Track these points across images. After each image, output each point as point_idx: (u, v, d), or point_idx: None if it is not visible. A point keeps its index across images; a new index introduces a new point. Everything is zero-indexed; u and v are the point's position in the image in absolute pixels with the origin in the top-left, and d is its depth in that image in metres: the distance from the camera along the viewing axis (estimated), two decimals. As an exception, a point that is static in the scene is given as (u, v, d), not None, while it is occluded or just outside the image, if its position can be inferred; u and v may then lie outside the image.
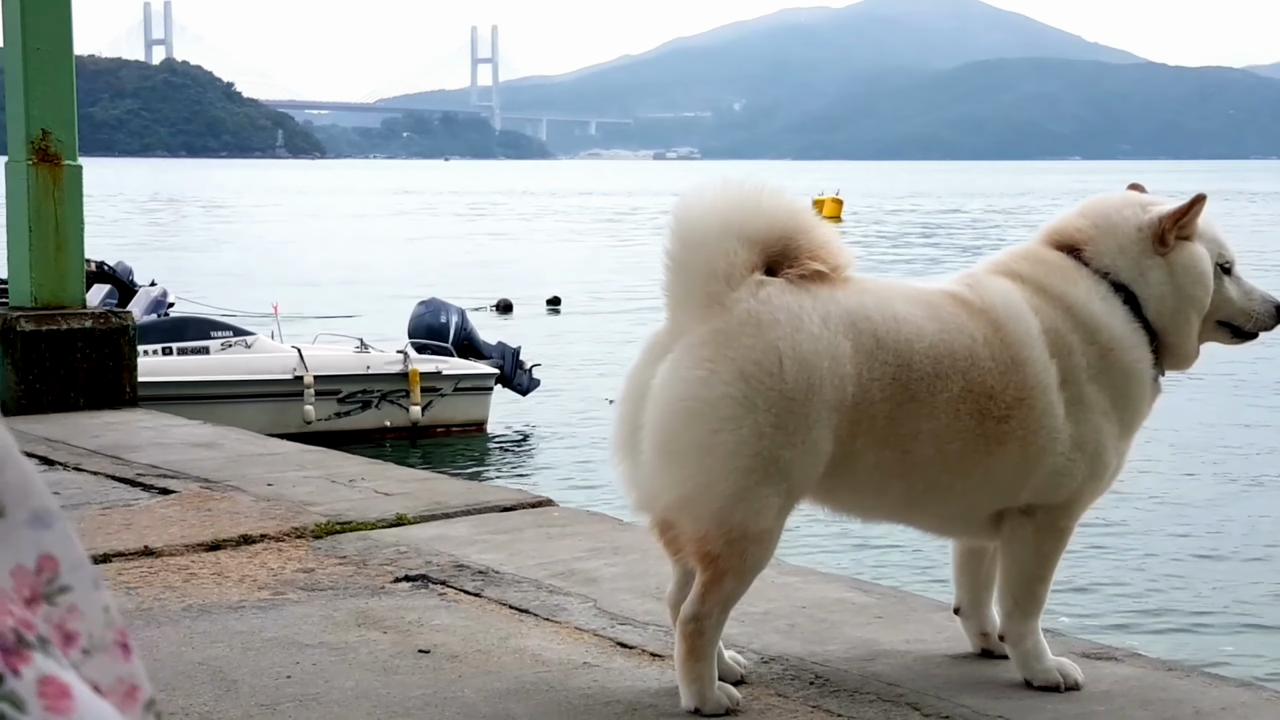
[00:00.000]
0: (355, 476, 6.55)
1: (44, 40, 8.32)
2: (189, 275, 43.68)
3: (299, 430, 18.72)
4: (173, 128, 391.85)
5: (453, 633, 4.29)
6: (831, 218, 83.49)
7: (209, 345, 21.72)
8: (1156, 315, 3.75)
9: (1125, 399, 3.72)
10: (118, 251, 41.30)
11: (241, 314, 27.44)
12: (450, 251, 61.90)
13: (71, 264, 8.49)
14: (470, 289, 40.24)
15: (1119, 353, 3.69)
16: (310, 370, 21.58)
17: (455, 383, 22.85)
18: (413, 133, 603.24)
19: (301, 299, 37.01)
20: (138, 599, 4.66)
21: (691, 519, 3.47)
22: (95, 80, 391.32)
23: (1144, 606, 14.44)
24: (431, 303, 25.14)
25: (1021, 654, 3.76)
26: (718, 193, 3.54)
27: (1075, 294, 3.71)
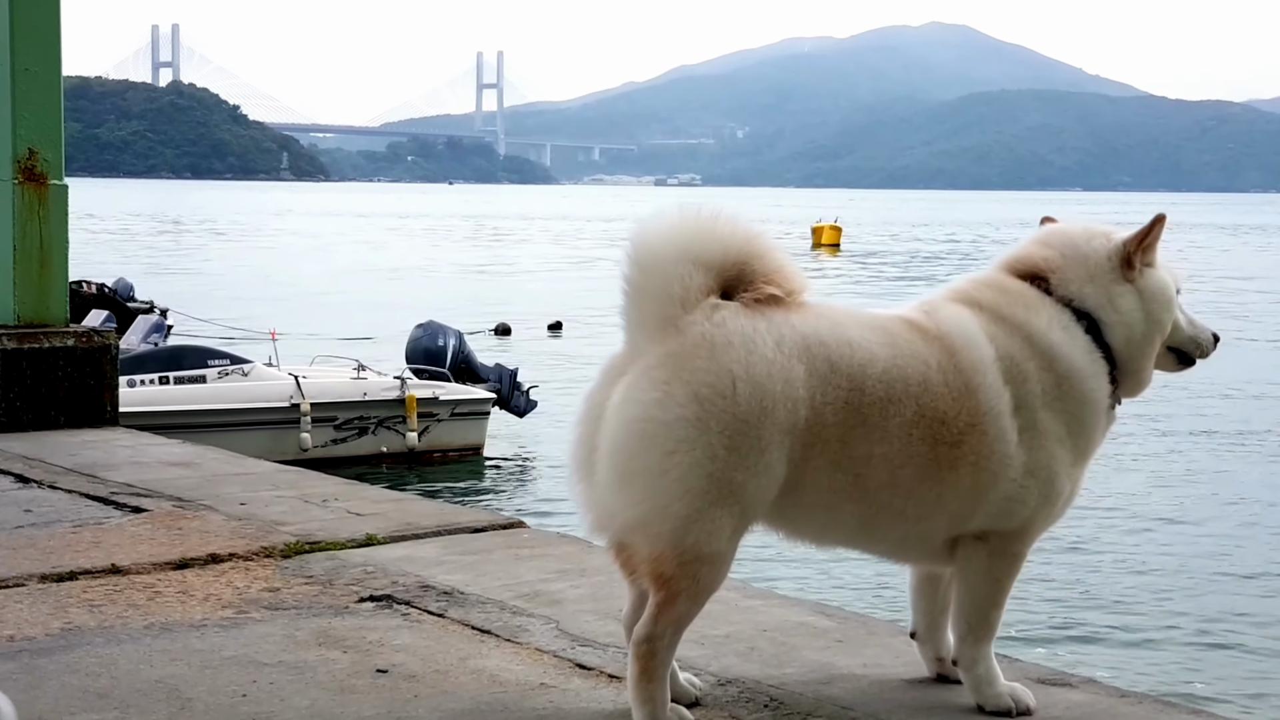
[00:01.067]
0: (329, 496, 6.55)
1: (32, 61, 8.34)
2: (190, 296, 43.77)
3: (295, 457, 18.78)
4: (178, 150, 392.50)
5: (413, 653, 4.29)
6: (830, 245, 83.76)
7: (206, 374, 21.81)
8: (1124, 343, 3.77)
9: (1080, 426, 3.73)
10: (119, 270, 41.40)
11: (241, 333, 27.48)
12: (451, 275, 62.03)
13: (55, 283, 8.50)
14: (470, 312, 40.34)
15: (1076, 381, 3.70)
16: (307, 398, 21.67)
17: (452, 408, 22.92)
18: (417, 157, 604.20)
19: (301, 321, 37.08)
20: (100, 616, 4.66)
21: (646, 540, 3.47)
22: (102, 102, 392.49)
23: (1115, 631, 14.56)
24: (429, 325, 25.22)
25: (974, 679, 3.76)
26: (674, 218, 3.55)
27: (1036, 323, 3.72)
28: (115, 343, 8.71)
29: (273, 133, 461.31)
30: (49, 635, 4.46)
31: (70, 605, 4.79)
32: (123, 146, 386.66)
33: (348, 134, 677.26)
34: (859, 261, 74.86)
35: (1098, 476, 21.53)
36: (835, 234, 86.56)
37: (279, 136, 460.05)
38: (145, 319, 27.18)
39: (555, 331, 39.39)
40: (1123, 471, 22.80)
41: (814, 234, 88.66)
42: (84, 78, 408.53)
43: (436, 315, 27.51)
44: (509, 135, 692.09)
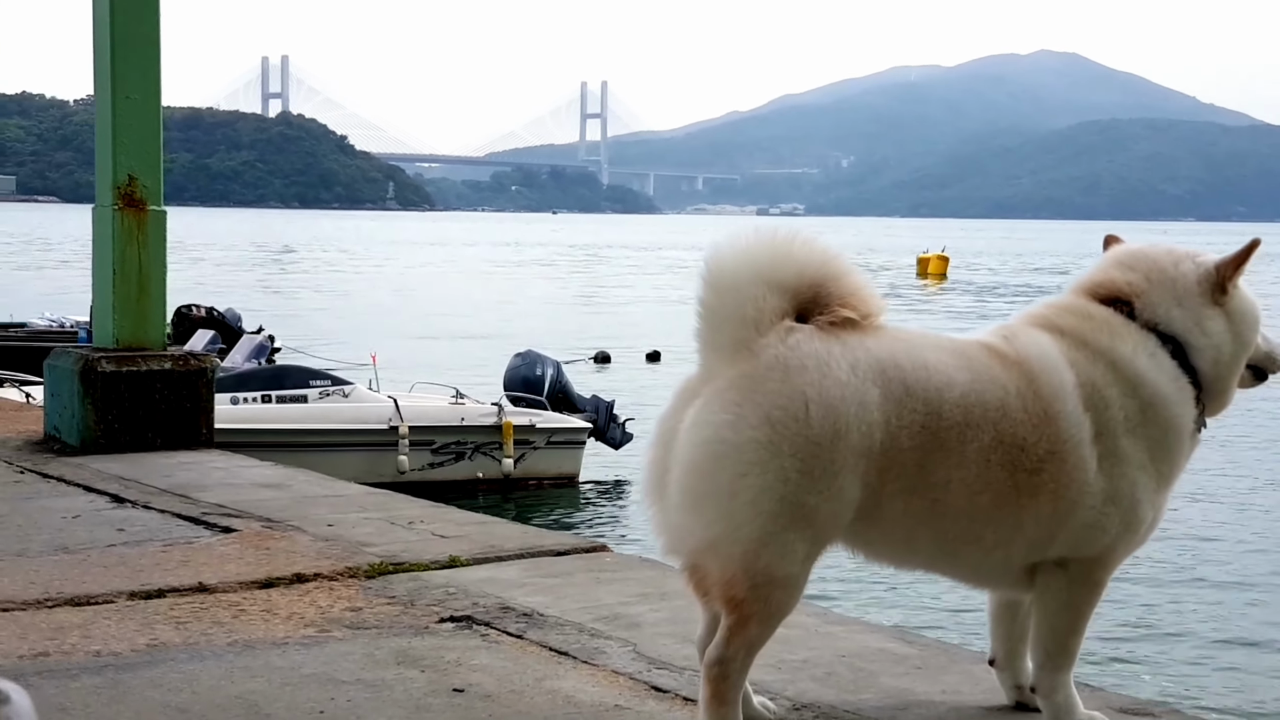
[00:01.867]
0: (415, 519, 6.60)
1: (133, 89, 8.49)
2: (296, 323, 44.29)
3: (393, 480, 18.90)
4: (286, 179, 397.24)
5: (490, 673, 4.31)
6: (937, 275, 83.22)
7: (307, 394, 22.01)
8: (1211, 365, 3.73)
9: (1164, 452, 3.68)
10: (228, 299, 41.99)
11: (341, 364, 27.73)
12: (552, 303, 62.29)
13: (154, 307, 8.65)
14: (570, 341, 40.50)
15: (1161, 407, 3.66)
16: (405, 421, 21.80)
17: (548, 436, 22.97)
18: (521, 186, 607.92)
19: (402, 348, 37.37)
20: (185, 633, 4.72)
21: (718, 562, 3.46)
22: (213, 132, 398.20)
23: (1199, 658, 14.41)
24: (527, 354, 25.31)
25: (1053, 706, 3.72)
26: (749, 240, 3.54)
27: (1121, 349, 3.68)
28: (212, 366, 8.84)
29: (379, 163, 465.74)
30: (134, 651, 4.52)
31: (157, 622, 4.86)
32: (233, 176, 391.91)
33: (453, 164, 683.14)
34: (967, 292, 74.33)
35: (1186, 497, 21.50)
36: (942, 264, 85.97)
37: (385, 166, 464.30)
38: (250, 339, 27.48)
39: (653, 361, 39.39)
40: (1205, 493, 22.73)
41: (920, 264, 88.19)
42: (195, 109, 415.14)
43: (537, 344, 27.63)
44: (612, 165, 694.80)
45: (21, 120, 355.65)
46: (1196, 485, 23.16)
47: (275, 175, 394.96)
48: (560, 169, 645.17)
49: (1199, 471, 24.45)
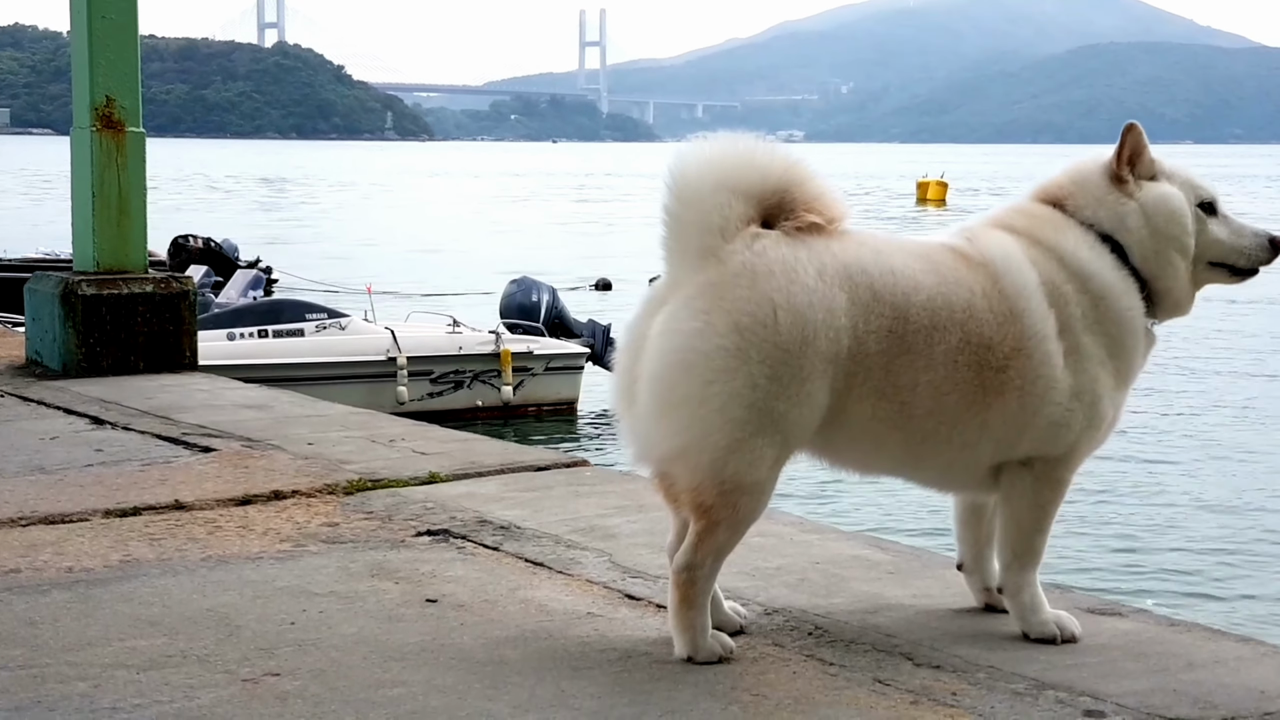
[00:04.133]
0: (396, 437, 6.58)
1: (110, 9, 8.39)
2: (293, 253, 44.20)
3: (392, 410, 18.88)
4: (284, 110, 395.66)
5: (464, 584, 4.30)
6: (937, 200, 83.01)
7: (304, 328, 21.97)
8: (1141, 260, 3.74)
9: (1120, 348, 3.69)
10: (225, 229, 41.90)
11: (337, 289, 27.67)
12: (554, 231, 62.21)
13: (134, 229, 8.56)
14: (573, 268, 40.48)
15: (1110, 300, 3.67)
16: (403, 351, 21.77)
17: (546, 362, 22.94)
18: (520, 115, 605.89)
19: (400, 277, 37.33)
20: (159, 550, 4.70)
21: (687, 469, 3.46)
22: (208, 63, 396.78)
23: (1174, 567, 14.60)
24: (523, 281, 25.24)
25: (1019, 605, 3.74)
26: (712, 149, 3.55)
27: (1065, 244, 3.71)
28: (194, 288, 8.77)
29: (377, 93, 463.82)
30: (107, 567, 4.50)
31: (131, 539, 4.84)
32: (229, 107, 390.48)
33: (451, 93, 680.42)
34: (966, 216, 74.19)
35: (1154, 410, 21.75)
36: (941, 189, 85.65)
37: (383, 96, 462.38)
38: (244, 273, 27.44)
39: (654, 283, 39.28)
40: (1178, 406, 23.00)
41: (919, 189, 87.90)
42: (190, 39, 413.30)
43: (538, 272, 27.54)
44: (612, 93, 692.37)
45: (15, 52, 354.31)
46: (1162, 394, 23.57)
47: (272, 106, 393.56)
48: (559, 98, 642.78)
49: (1164, 376, 24.93)
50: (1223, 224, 3.81)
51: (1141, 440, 20.48)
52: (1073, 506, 15.35)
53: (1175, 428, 21.83)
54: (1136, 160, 3.77)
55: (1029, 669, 3.51)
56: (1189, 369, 26.86)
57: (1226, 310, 34.21)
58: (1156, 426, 21.62)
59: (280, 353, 21.32)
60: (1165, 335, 3.91)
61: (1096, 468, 17.52)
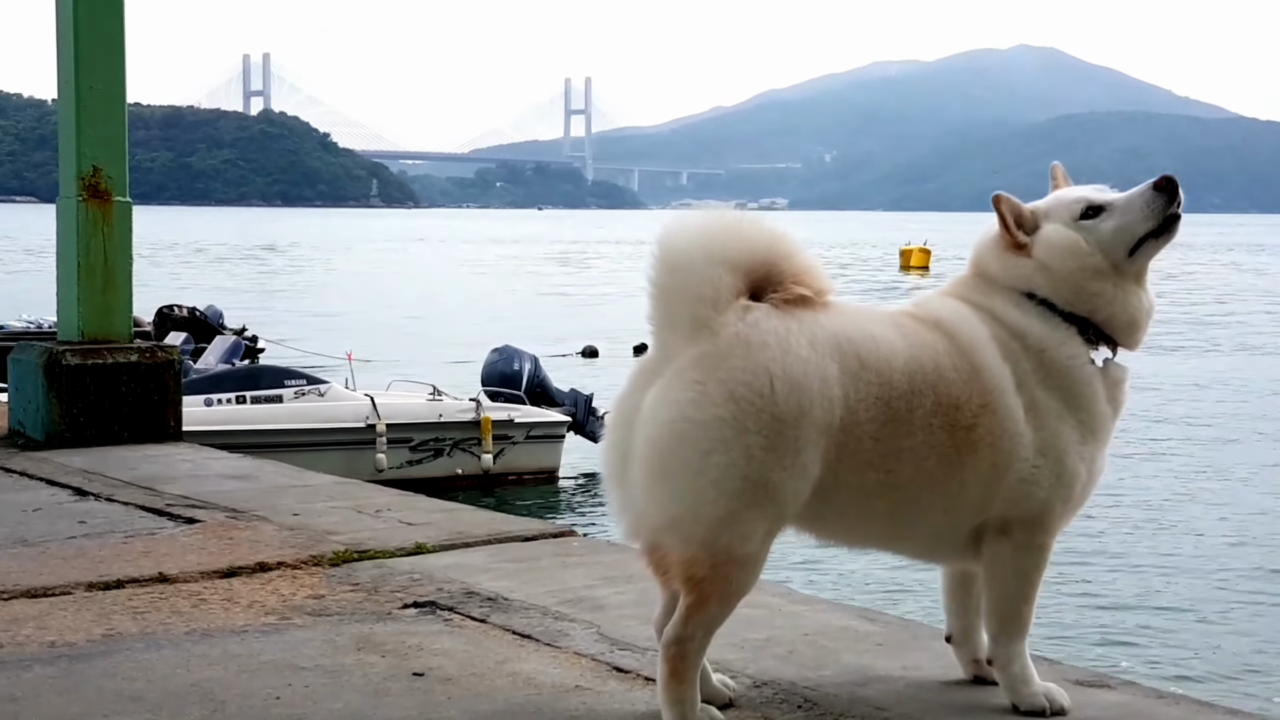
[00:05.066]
0: (382, 507, 6.55)
1: (97, 78, 8.40)
2: (278, 320, 44.19)
3: (371, 478, 18.81)
4: (269, 177, 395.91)
5: (451, 657, 4.27)
6: (920, 267, 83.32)
7: (283, 394, 21.94)
8: (1067, 305, 3.73)
9: (1076, 399, 3.68)
10: (210, 296, 41.92)
11: (319, 357, 27.62)
12: (541, 298, 62.29)
13: (119, 299, 8.54)
14: (559, 335, 40.51)
15: (1050, 352, 3.67)
16: (383, 419, 21.74)
17: (527, 430, 22.92)
18: (506, 183, 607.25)
19: (383, 345, 37.31)
20: (143, 623, 4.67)
21: (680, 541, 3.44)
22: (194, 130, 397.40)
23: (1156, 633, 14.59)
24: (505, 349, 25.25)
25: (1009, 678, 3.72)
26: (701, 221, 3.57)
27: (996, 306, 3.73)
28: (179, 358, 8.74)
29: (362, 160, 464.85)
30: (90, 641, 4.46)
31: (114, 612, 4.80)
32: (214, 175, 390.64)
33: (437, 160, 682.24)
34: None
35: (1136, 480, 21.83)
36: (924, 256, 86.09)
37: (369, 164, 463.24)
38: (223, 339, 27.40)
39: (640, 354, 39.29)
40: (1163, 474, 23.19)
41: (902, 256, 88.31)
42: (176, 107, 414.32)
43: (523, 340, 27.54)
44: (597, 161, 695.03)
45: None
46: (1153, 459, 23.67)
47: (257, 173, 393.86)
48: (545, 165, 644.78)
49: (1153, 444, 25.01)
50: (1111, 213, 3.76)
51: (1124, 505, 20.55)
52: (1056, 575, 15.33)
53: (1157, 491, 21.93)
54: (1021, 222, 3.78)
55: (1018, 743, 3.48)
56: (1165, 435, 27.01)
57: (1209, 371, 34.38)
58: (1137, 491, 21.71)
59: (259, 419, 21.28)
60: (1153, 402, 3.90)
61: (1076, 540, 17.55)
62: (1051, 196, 3.87)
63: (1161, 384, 33.05)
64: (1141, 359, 4.02)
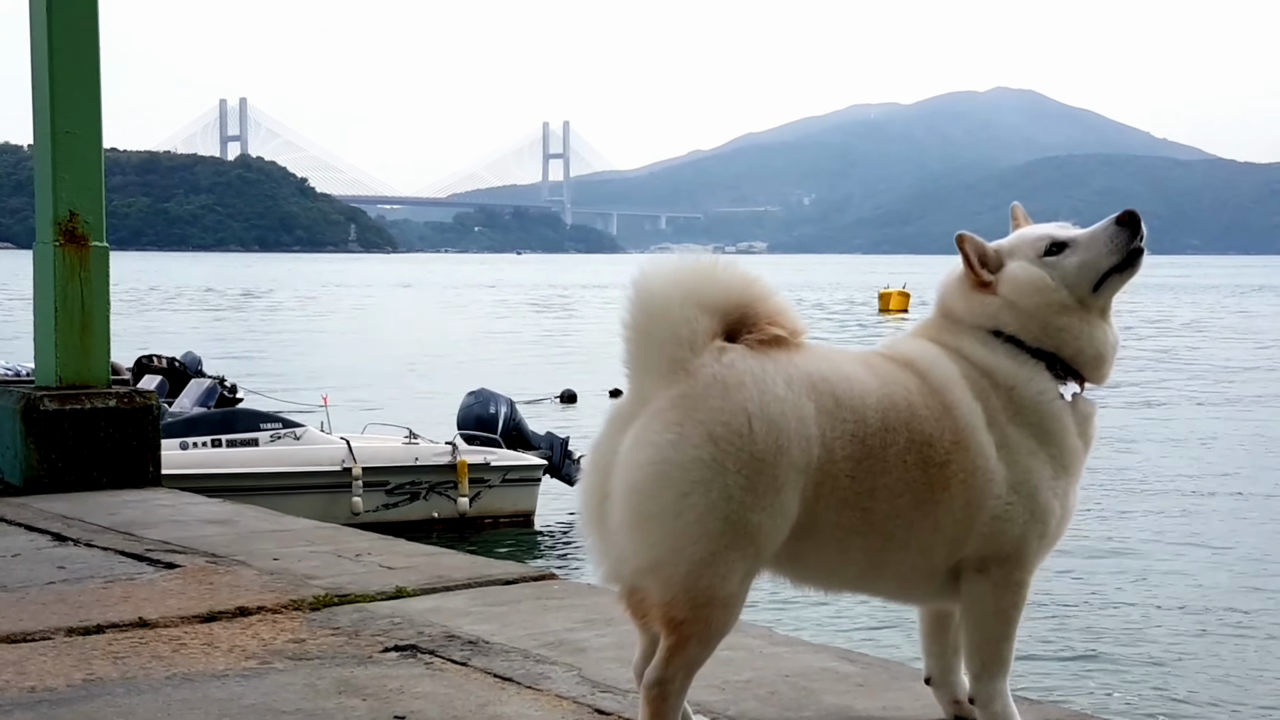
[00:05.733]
0: (362, 551, 6.54)
1: (73, 123, 8.41)
2: (258, 367, 44.11)
3: (347, 522, 18.77)
4: (246, 223, 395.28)
5: (432, 700, 4.26)
6: (899, 310, 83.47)
7: (258, 437, 21.89)
8: (1035, 341, 3.75)
9: (1047, 435, 3.70)
10: (187, 343, 41.82)
11: (294, 406, 27.56)
12: (519, 343, 62.27)
13: (97, 344, 8.53)
14: (538, 380, 40.48)
15: (1019, 389, 3.70)
16: (359, 462, 21.69)
17: (503, 474, 22.87)
18: (484, 227, 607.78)
19: (359, 392, 37.25)
20: (123, 668, 4.65)
21: (659, 584, 3.44)
22: (170, 176, 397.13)
23: (1135, 665, 14.60)
24: (481, 393, 25.22)
25: (990, 716, 3.72)
26: (675, 264, 3.58)
27: (964, 346, 3.76)
28: (157, 403, 8.72)
29: (340, 205, 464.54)
30: (70, 686, 4.45)
31: (94, 657, 4.79)
32: (192, 220, 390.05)
33: (415, 205, 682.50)
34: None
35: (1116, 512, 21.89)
36: (903, 299, 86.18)
37: (346, 209, 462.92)
38: (198, 383, 27.32)
39: (616, 398, 39.27)
40: (1140, 510, 23.32)
41: (881, 299, 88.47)
42: (153, 152, 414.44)
43: (501, 385, 27.50)
44: (575, 205, 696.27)
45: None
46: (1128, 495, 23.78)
47: (235, 218, 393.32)
48: (523, 209, 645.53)
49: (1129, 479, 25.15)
50: (1075, 249, 3.78)
51: (1100, 541, 20.61)
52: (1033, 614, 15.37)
53: (1133, 525, 22.01)
54: (985, 260, 3.80)
55: (1001, 783, 3.48)
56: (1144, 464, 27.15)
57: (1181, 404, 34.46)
58: (1113, 524, 21.80)
59: (234, 462, 21.21)
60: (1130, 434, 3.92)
61: (1052, 578, 17.59)
62: (1015, 234, 3.89)
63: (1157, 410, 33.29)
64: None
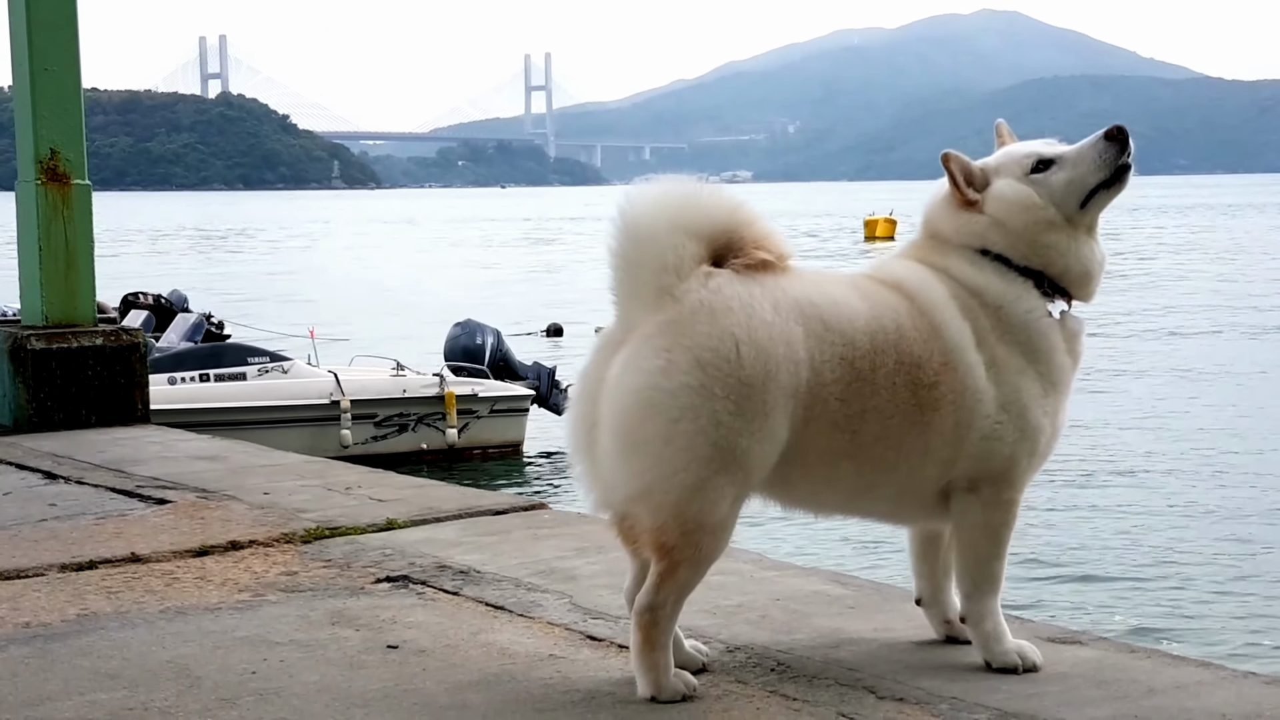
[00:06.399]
0: (352, 484, 6.56)
1: (52, 61, 8.36)
2: (243, 305, 44.03)
3: (336, 454, 18.77)
4: (229, 161, 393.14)
5: (425, 629, 4.29)
6: (885, 237, 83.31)
7: (246, 371, 21.84)
8: (1023, 259, 3.76)
9: (1035, 353, 3.71)
10: (174, 281, 41.73)
11: (287, 337, 27.50)
12: (505, 277, 62.17)
13: (82, 282, 8.51)
14: (525, 314, 40.45)
15: (1007, 308, 3.71)
16: (347, 394, 21.66)
17: (491, 405, 22.85)
18: (468, 161, 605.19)
19: (346, 325, 37.19)
20: (116, 602, 4.68)
21: (650, 510, 3.46)
22: (152, 115, 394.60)
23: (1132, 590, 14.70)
24: (467, 324, 25.15)
25: (982, 635, 3.75)
26: (661, 191, 3.59)
27: (952, 265, 3.77)
28: (144, 340, 8.72)
29: (323, 141, 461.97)
30: (64, 621, 4.47)
31: (88, 593, 4.81)
32: (174, 159, 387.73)
33: (398, 140, 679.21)
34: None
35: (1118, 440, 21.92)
36: (890, 226, 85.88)
37: (329, 145, 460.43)
38: (185, 318, 27.24)
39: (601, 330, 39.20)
40: (1129, 429, 23.47)
41: (868, 226, 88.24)
42: (133, 91, 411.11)
43: (489, 318, 27.47)
44: (559, 137, 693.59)
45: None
46: (1117, 412, 23.84)
47: (217, 157, 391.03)
48: (507, 143, 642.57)
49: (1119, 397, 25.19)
50: (1062, 166, 3.79)
51: (1093, 465, 20.67)
52: (1024, 536, 15.44)
53: (1124, 450, 22.07)
54: (971, 179, 3.80)
55: (992, 699, 3.52)
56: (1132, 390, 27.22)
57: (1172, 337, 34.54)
58: (1106, 449, 21.86)
59: (222, 396, 21.17)
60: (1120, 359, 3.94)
61: (1045, 495, 17.67)
62: (1001, 152, 3.89)
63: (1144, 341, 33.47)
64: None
